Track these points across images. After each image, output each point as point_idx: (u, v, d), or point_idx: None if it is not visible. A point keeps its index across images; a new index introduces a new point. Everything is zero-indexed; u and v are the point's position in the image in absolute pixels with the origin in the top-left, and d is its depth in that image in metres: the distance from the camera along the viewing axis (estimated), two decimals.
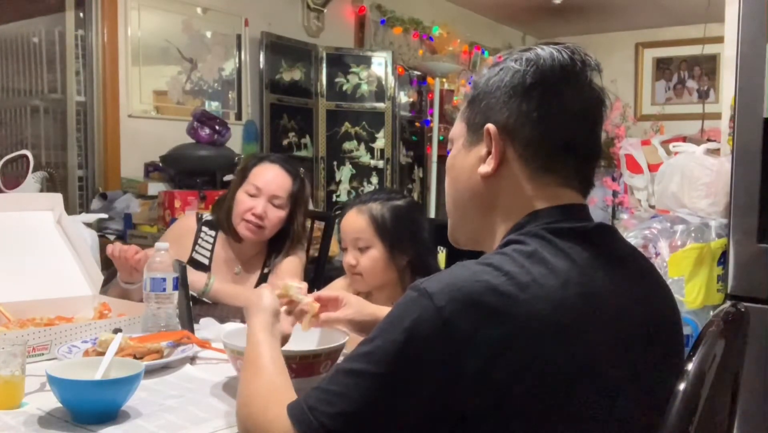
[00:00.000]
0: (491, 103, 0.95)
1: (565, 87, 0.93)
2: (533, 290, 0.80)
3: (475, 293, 0.79)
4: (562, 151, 0.93)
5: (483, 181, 0.96)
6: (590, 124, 0.96)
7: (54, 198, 1.99)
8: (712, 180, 2.35)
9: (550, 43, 0.97)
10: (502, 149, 0.94)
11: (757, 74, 2.04)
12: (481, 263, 0.84)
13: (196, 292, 2.01)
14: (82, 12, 3.78)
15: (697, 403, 0.92)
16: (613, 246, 0.94)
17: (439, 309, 0.79)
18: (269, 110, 4.54)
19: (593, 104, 0.96)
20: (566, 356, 0.80)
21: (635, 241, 2.38)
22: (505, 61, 0.96)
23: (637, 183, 2.90)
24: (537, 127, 0.92)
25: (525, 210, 0.93)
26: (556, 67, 0.93)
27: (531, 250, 0.85)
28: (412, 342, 0.79)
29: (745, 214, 2.09)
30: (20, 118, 4.01)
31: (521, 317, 0.79)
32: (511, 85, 0.94)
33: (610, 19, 6.61)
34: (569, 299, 0.82)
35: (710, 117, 3.42)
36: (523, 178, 0.94)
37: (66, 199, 2.13)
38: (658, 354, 0.92)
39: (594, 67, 0.97)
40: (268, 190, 2.11)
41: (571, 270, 0.85)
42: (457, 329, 0.78)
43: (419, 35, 5.66)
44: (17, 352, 1.21)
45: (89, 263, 1.91)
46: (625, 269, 0.92)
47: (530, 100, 0.92)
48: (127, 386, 1.17)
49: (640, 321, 0.90)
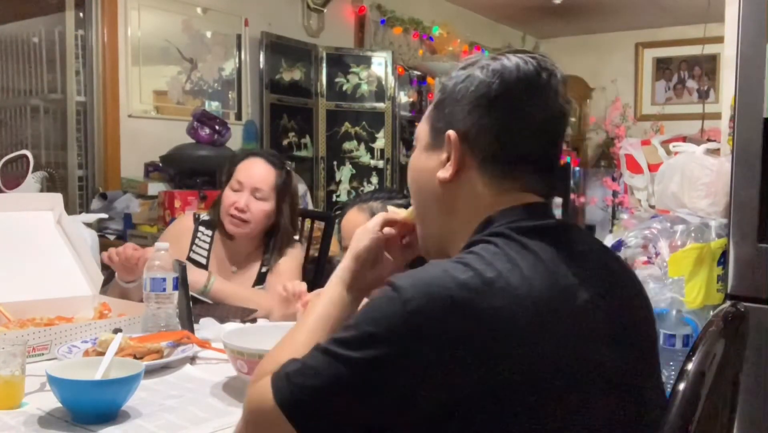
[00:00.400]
0: (455, 110, 0.97)
1: (528, 100, 0.94)
2: (499, 285, 0.82)
3: (441, 287, 0.81)
4: (521, 162, 0.95)
5: (441, 186, 0.98)
6: (552, 137, 0.97)
7: (54, 198, 1.99)
8: (712, 180, 2.35)
9: (518, 52, 0.97)
10: (461, 156, 0.96)
11: (757, 74, 2.04)
12: (451, 261, 0.86)
13: (197, 291, 2.01)
14: (82, 12, 3.78)
15: (697, 403, 0.92)
16: (576, 242, 0.94)
17: (405, 302, 0.81)
18: (269, 110, 4.54)
19: (556, 118, 0.97)
20: (531, 350, 0.81)
21: (635, 241, 2.38)
22: (473, 67, 0.97)
23: (637, 183, 2.90)
24: (497, 139, 0.94)
25: (484, 215, 0.94)
26: (522, 79, 0.94)
27: (496, 248, 0.87)
28: (379, 333, 0.81)
29: (745, 215, 2.08)
30: (20, 118, 4.01)
31: (487, 310, 0.80)
32: (475, 95, 0.95)
33: (610, 19, 6.61)
34: (535, 293, 0.83)
35: (710, 117, 3.41)
36: (482, 184, 0.95)
37: (66, 199, 2.13)
38: (626, 347, 0.92)
39: (561, 79, 0.97)
40: (250, 184, 2.12)
41: (536, 266, 0.86)
42: (422, 322, 0.80)
43: (419, 35, 5.66)
44: (17, 352, 1.21)
45: (89, 263, 1.91)
46: (589, 264, 0.92)
47: (492, 112, 0.94)
48: (127, 386, 1.17)
49: (605, 315, 0.90)
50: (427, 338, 0.79)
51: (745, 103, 2.07)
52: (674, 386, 0.93)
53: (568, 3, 5.85)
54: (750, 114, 2.06)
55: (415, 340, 0.80)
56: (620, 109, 6.82)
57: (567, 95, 0.98)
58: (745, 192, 2.08)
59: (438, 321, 0.79)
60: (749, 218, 2.08)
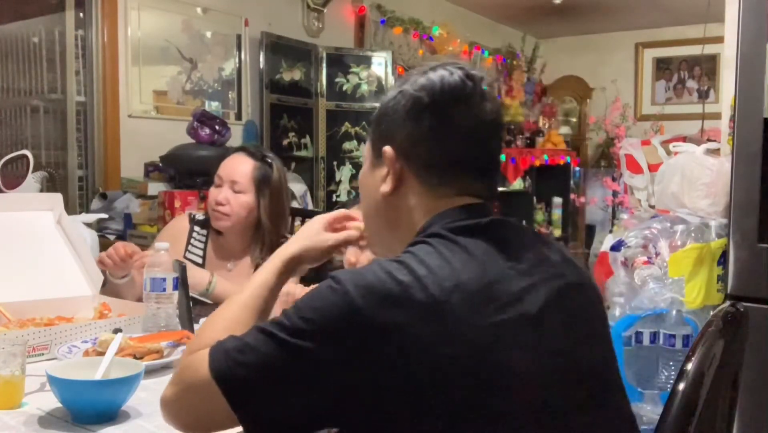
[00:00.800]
0: (390, 126, 1.03)
1: (454, 108, 0.99)
2: (430, 279, 0.86)
3: (378, 281, 0.86)
4: (455, 167, 1.00)
5: (385, 200, 1.04)
6: (483, 140, 1.02)
7: (54, 198, 1.99)
8: (712, 180, 2.35)
9: (447, 65, 1.03)
10: (399, 170, 1.01)
11: (757, 74, 2.04)
12: (388, 260, 0.91)
13: (199, 292, 2.01)
14: (82, 12, 3.78)
15: (697, 403, 0.92)
16: (510, 237, 0.98)
17: (345, 294, 0.85)
18: (269, 110, 4.54)
19: (485, 122, 1.01)
20: (463, 339, 0.84)
21: (635, 241, 2.38)
22: (403, 84, 1.03)
23: (637, 183, 2.90)
24: (430, 147, 1.00)
25: (425, 220, 1.00)
26: (446, 90, 0.99)
27: (430, 247, 0.92)
28: (317, 322, 0.85)
29: (745, 215, 2.09)
30: (20, 118, 4.01)
31: (419, 302, 0.84)
32: (405, 109, 1.01)
33: (610, 19, 6.61)
34: (462, 285, 0.87)
35: (710, 117, 3.41)
36: (421, 193, 1.01)
37: (66, 199, 2.13)
38: (570, 331, 0.94)
39: (486, 86, 1.02)
40: (228, 177, 2.13)
41: (466, 261, 0.90)
42: (359, 314, 0.84)
43: (419, 35, 5.66)
44: (17, 352, 1.21)
45: (89, 263, 1.91)
46: (524, 256, 0.96)
47: (423, 123, 1.00)
48: (127, 386, 1.17)
49: (542, 305, 0.92)
50: (362, 328, 0.84)
51: (745, 103, 2.07)
52: (674, 386, 0.93)
53: (568, 3, 5.85)
54: (750, 114, 2.06)
55: (352, 330, 0.84)
56: (620, 109, 6.81)
57: (496, 100, 1.04)
58: (745, 192, 2.08)
59: (373, 313, 0.84)
60: (749, 218, 2.08)
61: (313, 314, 0.86)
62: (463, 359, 0.84)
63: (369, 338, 0.83)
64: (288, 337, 0.85)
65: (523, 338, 0.88)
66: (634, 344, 2.28)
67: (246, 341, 0.88)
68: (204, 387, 0.88)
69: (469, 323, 0.85)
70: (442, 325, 0.84)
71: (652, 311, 2.25)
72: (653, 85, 7.07)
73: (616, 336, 2.24)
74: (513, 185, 5.74)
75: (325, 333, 0.85)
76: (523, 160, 5.73)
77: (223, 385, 0.87)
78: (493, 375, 0.85)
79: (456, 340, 0.84)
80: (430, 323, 0.84)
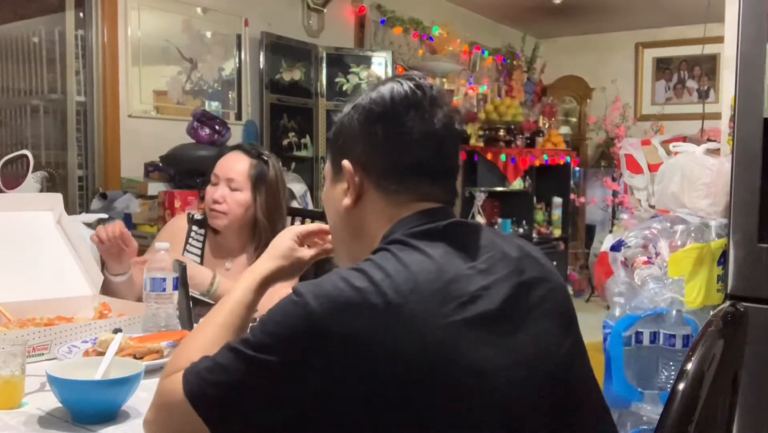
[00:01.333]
0: (347, 140, 1.07)
1: (405, 116, 1.02)
2: (386, 283, 0.88)
3: (335, 289, 0.88)
4: (412, 173, 1.03)
5: (347, 213, 1.07)
6: (436, 145, 1.03)
7: (54, 198, 1.99)
8: (712, 180, 2.35)
9: (397, 77, 1.06)
10: (359, 182, 1.04)
11: (757, 74, 2.04)
12: (348, 269, 0.92)
13: (201, 292, 2.01)
14: (82, 12, 3.78)
15: (697, 403, 0.92)
16: (469, 238, 1.00)
17: (305, 306, 0.87)
18: (269, 110, 4.54)
19: (437, 127, 1.03)
20: (423, 340, 0.86)
21: (635, 241, 2.38)
22: (356, 99, 1.07)
23: (637, 183, 2.90)
24: (384, 156, 1.03)
25: (387, 228, 1.02)
26: (396, 100, 1.03)
27: (389, 253, 0.94)
28: (281, 335, 0.88)
29: (745, 214, 2.09)
30: (20, 118, 4.01)
31: (377, 307, 0.86)
32: (359, 122, 1.05)
33: (610, 19, 6.61)
34: (422, 287, 0.89)
35: (710, 117, 3.41)
36: (381, 203, 1.04)
37: (66, 199, 2.13)
38: (526, 331, 0.95)
39: (437, 92, 1.05)
40: (224, 175, 2.12)
41: (424, 263, 0.92)
42: (320, 324, 0.86)
43: (419, 35, 5.66)
44: (17, 352, 1.21)
45: (89, 263, 1.91)
46: (484, 256, 0.98)
47: (376, 134, 1.03)
48: (127, 386, 1.17)
49: (502, 302, 0.93)
50: (324, 337, 0.86)
51: (745, 103, 2.07)
52: (674, 385, 0.93)
53: (568, 3, 5.85)
54: (750, 114, 2.06)
55: (314, 340, 0.86)
56: (620, 109, 6.82)
57: (449, 105, 1.06)
58: (745, 192, 2.08)
59: (334, 321, 0.86)
60: (749, 218, 2.08)
61: (275, 328, 0.89)
62: (425, 359, 0.85)
63: (331, 347, 0.85)
64: (253, 353, 0.88)
65: (483, 336, 0.90)
66: (634, 344, 2.28)
67: (216, 361, 0.91)
68: (180, 409, 0.91)
69: (428, 324, 0.87)
70: (401, 327, 0.86)
71: (652, 311, 2.24)
72: (653, 85, 7.07)
73: (616, 336, 2.24)
74: (513, 185, 5.74)
75: (287, 345, 0.87)
76: (523, 160, 5.73)
77: (198, 406, 0.90)
78: (456, 373, 0.87)
79: (416, 341, 0.86)
80: (390, 326, 0.86)
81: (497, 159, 5.57)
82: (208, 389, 0.89)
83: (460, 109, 1.09)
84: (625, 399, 2.27)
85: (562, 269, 6.22)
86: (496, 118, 5.78)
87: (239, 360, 0.88)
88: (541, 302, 0.99)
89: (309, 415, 0.87)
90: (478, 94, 6.06)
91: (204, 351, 0.97)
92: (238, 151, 2.17)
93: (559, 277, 1.07)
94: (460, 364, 0.87)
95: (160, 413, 0.95)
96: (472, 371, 0.88)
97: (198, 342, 1.04)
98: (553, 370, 0.96)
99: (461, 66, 5.89)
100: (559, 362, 0.97)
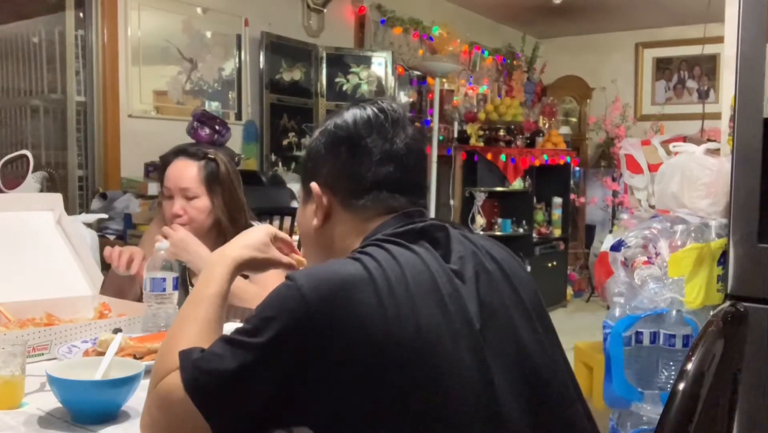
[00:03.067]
0: (315, 164, 1.13)
1: (368, 137, 1.09)
2: (380, 272, 0.92)
3: (333, 274, 0.92)
4: (377, 189, 1.08)
5: (317, 232, 1.12)
6: (399, 163, 1.09)
7: (54, 198, 1.99)
8: (712, 180, 2.35)
9: (362, 103, 1.13)
10: (327, 203, 1.10)
11: (757, 74, 2.04)
12: (341, 259, 0.97)
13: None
14: (82, 12, 3.78)
15: (697, 403, 0.92)
16: (441, 237, 1.04)
17: (300, 287, 0.90)
18: (269, 110, 4.54)
19: (399, 146, 1.10)
20: (409, 325, 0.90)
21: (635, 241, 2.38)
22: (324, 125, 1.14)
23: (637, 183, 2.90)
24: (349, 176, 1.09)
25: (358, 242, 1.06)
26: (359, 124, 1.10)
27: (378, 248, 0.98)
28: (276, 315, 0.90)
29: (745, 214, 2.08)
30: (20, 118, 4.01)
31: (371, 294, 0.90)
32: (325, 147, 1.12)
33: (610, 19, 6.61)
34: (409, 278, 0.93)
35: (710, 117, 3.41)
36: (350, 220, 1.09)
37: (66, 199, 2.13)
38: (505, 321, 0.99)
39: (398, 116, 1.12)
40: (176, 186, 2.02)
41: (411, 257, 0.96)
42: (315, 303, 0.88)
43: (419, 35, 5.66)
44: (17, 352, 1.21)
45: (89, 263, 1.91)
46: (456, 255, 1.02)
47: (340, 156, 1.10)
48: (127, 386, 1.17)
49: (481, 296, 0.98)
50: (319, 316, 0.88)
51: (745, 103, 2.07)
52: (674, 385, 0.93)
53: (568, 3, 5.85)
54: (750, 114, 2.06)
55: (310, 318, 0.88)
56: (620, 109, 6.82)
57: (411, 126, 1.13)
58: (745, 192, 2.08)
59: (329, 302, 0.89)
60: (749, 218, 2.08)
61: (271, 312, 0.91)
62: (413, 345, 0.89)
63: (329, 329, 0.87)
64: (252, 339, 0.89)
65: (463, 331, 0.93)
66: (634, 344, 2.28)
67: (215, 352, 0.91)
68: (182, 406, 0.90)
69: (417, 312, 0.90)
70: (393, 312, 0.89)
71: (652, 311, 2.25)
72: (653, 85, 7.07)
73: (616, 336, 2.24)
74: (513, 185, 5.74)
75: (284, 322, 0.88)
76: (523, 160, 5.73)
77: (197, 397, 0.90)
78: (437, 363, 0.90)
79: (406, 327, 0.89)
80: (382, 311, 0.89)
81: (497, 159, 5.57)
82: (209, 381, 0.89)
83: (424, 132, 1.18)
84: (625, 399, 2.27)
85: (562, 269, 6.22)
86: (496, 118, 5.78)
87: (237, 349, 0.89)
88: (510, 298, 1.02)
89: (305, 399, 0.88)
90: (478, 94, 6.06)
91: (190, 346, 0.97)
92: (183, 158, 2.07)
93: (526, 274, 1.12)
94: (441, 355, 0.90)
95: (160, 414, 0.94)
96: (453, 364, 0.90)
97: (185, 339, 1.02)
98: (532, 367, 0.98)
99: (461, 66, 5.89)
100: (539, 363, 0.99)
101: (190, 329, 1.04)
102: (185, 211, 2.02)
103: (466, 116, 5.70)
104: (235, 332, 0.92)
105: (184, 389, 0.90)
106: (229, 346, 0.90)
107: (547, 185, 6.14)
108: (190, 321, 1.06)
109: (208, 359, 0.91)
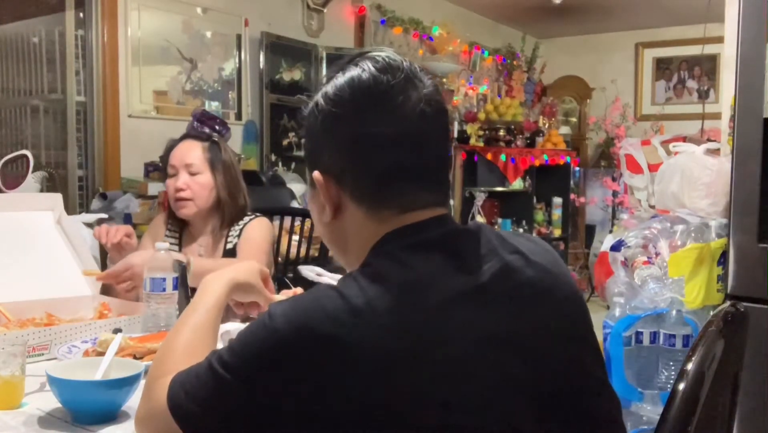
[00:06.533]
0: (313, 147, 0.95)
1: (371, 113, 0.88)
2: (365, 316, 0.79)
3: (309, 318, 0.80)
4: (391, 181, 0.89)
5: (330, 227, 0.96)
6: (416, 140, 0.89)
7: (54, 198, 1.99)
8: (712, 180, 2.35)
9: (363, 57, 0.93)
10: (335, 196, 0.92)
11: (757, 74, 2.04)
12: (328, 288, 0.84)
13: None
14: (82, 12, 3.78)
15: (697, 403, 0.92)
16: (470, 249, 0.88)
17: (274, 331, 0.82)
18: (269, 110, 4.54)
19: (411, 116, 0.88)
20: (403, 385, 0.79)
21: (635, 241, 2.38)
22: (319, 92, 0.93)
23: (637, 183, 2.90)
24: (352, 167, 0.90)
25: (373, 241, 0.90)
26: (357, 95, 0.89)
27: (375, 270, 0.84)
28: (246, 356, 0.84)
29: (745, 215, 2.08)
30: (20, 118, 4.01)
31: (349, 345, 0.78)
32: (322, 127, 0.91)
33: (610, 19, 6.61)
34: (405, 319, 0.80)
35: (710, 117, 3.41)
36: (363, 218, 0.91)
37: (66, 199, 2.13)
38: (536, 345, 0.86)
39: (407, 71, 0.90)
40: (181, 163, 2.12)
41: (413, 284, 0.83)
42: (283, 352, 0.81)
43: (419, 35, 5.66)
44: (17, 352, 1.21)
45: (89, 263, 1.91)
46: (485, 267, 0.86)
47: (340, 140, 0.90)
48: (127, 386, 1.17)
49: (510, 320, 0.85)
50: (286, 367, 0.80)
51: (745, 103, 2.07)
52: (674, 386, 0.93)
53: (568, 3, 5.85)
54: (750, 114, 2.06)
55: (275, 369, 0.81)
56: (620, 109, 6.81)
57: (425, 81, 0.91)
58: (745, 192, 2.08)
59: (299, 353, 0.80)
60: (749, 218, 2.08)
61: (245, 350, 0.85)
62: (397, 414, 0.79)
63: (292, 378, 0.80)
64: (224, 373, 0.84)
65: (481, 364, 0.82)
66: (634, 344, 2.28)
67: (198, 375, 0.88)
68: (164, 417, 0.91)
69: (408, 368, 0.79)
70: (368, 367, 0.78)
71: (652, 311, 2.24)
72: (653, 85, 7.07)
73: (616, 336, 2.24)
74: (513, 185, 5.75)
75: (253, 368, 0.83)
76: (523, 160, 5.73)
77: (178, 419, 0.89)
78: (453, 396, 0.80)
79: (385, 384, 0.79)
80: (359, 366, 0.78)
81: (497, 159, 5.57)
82: (188, 404, 0.88)
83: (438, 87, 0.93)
84: (625, 399, 2.27)
85: None
86: (496, 118, 5.78)
87: (213, 377, 0.86)
88: (549, 315, 0.89)
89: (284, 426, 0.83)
90: (478, 94, 6.06)
91: (187, 354, 0.99)
92: (189, 139, 2.19)
93: (573, 284, 0.95)
94: (456, 395, 0.80)
95: (147, 413, 0.96)
96: (474, 401, 0.81)
97: (181, 345, 1.04)
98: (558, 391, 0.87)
99: (461, 66, 5.89)
100: (573, 360, 0.90)
101: (185, 335, 1.06)
102: (188, 186, 2.10)
103: (466, 116, 5.70)
104: (216, 358, 0.87)
105: (167, 405, 0.90)
106: (210, 373, 0.86)
107: (547, 185, 6.15)
108: (187, 327, 1.08)
109: (191, 382, 0.89)
